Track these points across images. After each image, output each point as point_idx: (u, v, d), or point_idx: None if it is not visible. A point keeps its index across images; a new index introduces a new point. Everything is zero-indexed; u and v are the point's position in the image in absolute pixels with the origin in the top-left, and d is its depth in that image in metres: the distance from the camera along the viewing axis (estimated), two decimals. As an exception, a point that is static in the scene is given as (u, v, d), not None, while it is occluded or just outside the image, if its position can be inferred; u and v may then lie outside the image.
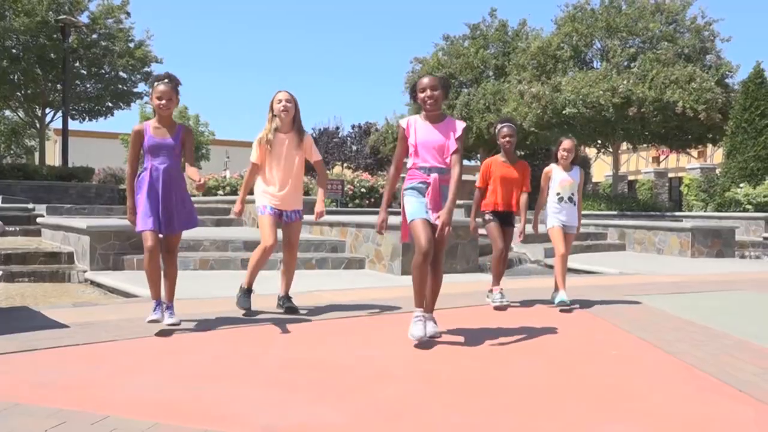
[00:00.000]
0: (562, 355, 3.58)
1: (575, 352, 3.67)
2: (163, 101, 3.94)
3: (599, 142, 22.28)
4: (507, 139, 5.13)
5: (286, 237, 4.72)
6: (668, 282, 7.25)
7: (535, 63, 21.41)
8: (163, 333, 3.89)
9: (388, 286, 6.53)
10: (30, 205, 11.51)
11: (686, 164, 27.59)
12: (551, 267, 7.74)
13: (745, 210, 14.97)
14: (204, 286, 6.25)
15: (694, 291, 6.48)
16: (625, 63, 19.83)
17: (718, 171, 19.14)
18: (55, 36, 18.67)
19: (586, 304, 5.38)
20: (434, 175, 3.70)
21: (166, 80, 3.95)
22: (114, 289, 6.57)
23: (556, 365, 3.34)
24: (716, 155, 29.27)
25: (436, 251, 3.68)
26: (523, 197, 5.20)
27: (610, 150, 22.55)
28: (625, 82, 18.16)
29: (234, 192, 13.69)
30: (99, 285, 6.90)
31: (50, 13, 18.66)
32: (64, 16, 17.86)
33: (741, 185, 15.48)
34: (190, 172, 4.00)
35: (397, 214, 3.85)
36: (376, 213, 4.05)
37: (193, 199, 12.05)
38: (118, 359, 3.24)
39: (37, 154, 26.13)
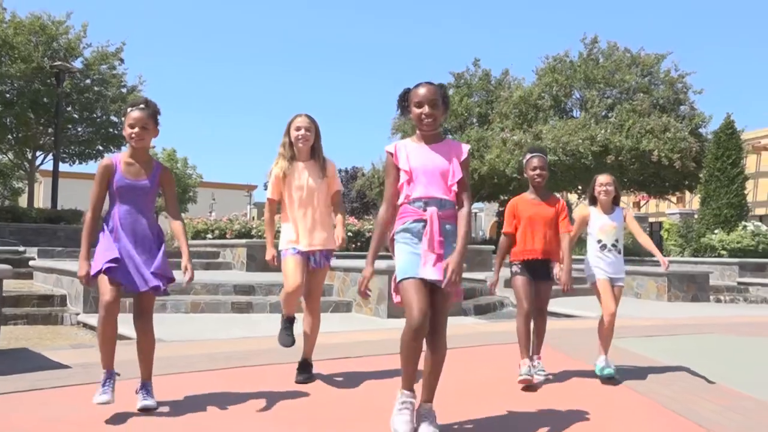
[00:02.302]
0: (537, 394, 3.85)
1: (550, 389, 3.93)
2: (136, 129, 3.23)
3: (580, 188, 22.92)
4: (537, 172, 4.21)
5: (308, 287, 4.00)
6: (643, 325, 7.55)
7: (517, 111, 22.17)
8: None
9: (374, 329, 6.77)
10: (21, 248, 11.66)
11: (666, 209, 28.34)
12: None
13: (720, 255, 15.46)
14: (196, 330, 6.46)
15: (667, 334, 6.78)
16: (603, 113, 20.63)
17: (696, 216, 19.74)
18: (49, 81, 19.08)
19: (563, 346, 5.66)
20: (432, 209, 2.82)
21: (141, 106, 3.28)
22: (107, 331, 6.73)
23: (534, 406, 3.61)
24: (695, 201, 30.11)
25: (435, 316, 2.80)
26: (565, 240, 4.19)
27: (590, 196, 23.18)
28: (602, 131, 18.91)
29: (222, 236, 13.91)
30: (92, 327, 7.06)
31: (45, 59, 19.12)
32: (60, 63, 18.28)
33: (716, 231, 16.02)
34: (176, 231, 3.40)
35: (389, 257, 3.09)
36: (364, 257, 3.23)
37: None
38: (121, 398, 3.46)
39: (24, 196, 26.22)
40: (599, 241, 4.43)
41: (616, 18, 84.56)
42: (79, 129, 21.32)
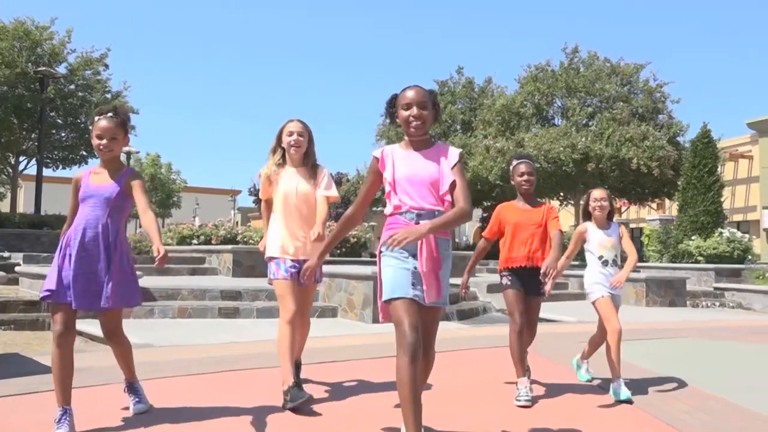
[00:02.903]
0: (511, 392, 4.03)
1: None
2: (104, 141, 3.05)
3: (561, 194, 23.27)
4: (525, 178, 4.06)
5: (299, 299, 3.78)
6: (631, 329, 7.79)
7: (500, 119, 22.50)
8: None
9: (359, 333, 6.93)
10: (6, 254, 11.64)
11: (646, 215, 28.81)
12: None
13: (697, 261, 15.84)
14: (185, 334, 6.56)
15: (643, 338, 7.00)
16: (584, 121, 21.03)
17: (674, 223, 20.18)
18: (33, 86, 19.01)
19: (542, 350, 5.86)
20: (425, 223, 2.56)
21: (110, 114, 3.09)
22: (94, 336, 6.80)
23: (508, 407, 3.79)
24: (674, 207, 30.67)
25: (426, 335, 2.66)
26: (556, 236, 3.92)
27: (572, 202, 23.55)
28: (583, 139, 19.30)
29: (207, 242, 13.97)
30: (80, 333, 7.12)
31: (29, 64, 19.05)
32: (44, 68, 18.25)
33: (693, 238, 16.40)
34: (147, 226, 3.04)
35: (373, 263, 2.88)
36: (349, 262, 3.00)
37: (168, 247, 12.13)
38: (113, 401, 3.58)
39: (6, 201, 26.00)
40: (601, 257, 4.23)
41: (596, 28, 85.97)
42: (63, 134, 21.25)
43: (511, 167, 4.23)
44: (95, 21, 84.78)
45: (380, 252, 2.70)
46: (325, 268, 9.31)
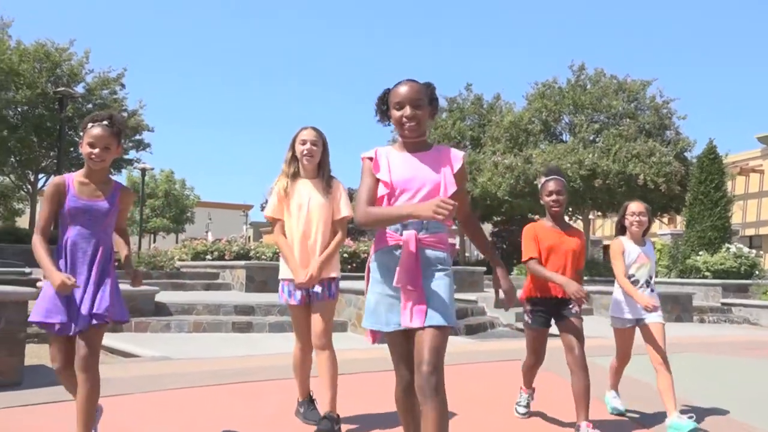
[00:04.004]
0: (505, 407, 4.26)
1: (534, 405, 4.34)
2: (97, 150, 2.81)
3: (570, 210, 23.44)
4: (554, 198, 3.60)
5: (312, 322, 3.50)
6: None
7: (508, 136, 22.78)
8: None
9: (367, 347, 7.18)
10: (27, 269, 12.02)
11: (658, 230, 28.86)
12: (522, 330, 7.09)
13: (705, 277, 15.92)
14: (200, 348, 6.85)
15: (644, 353, 7.20)
16: (591, 137, 21.25)
17: (683, 238, 20.27)
18: (52, 106, 19.60)
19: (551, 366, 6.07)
20: (409, 233, 2.33)
21: (105, 122, 2.85)
22: (114, 349, 7.11)
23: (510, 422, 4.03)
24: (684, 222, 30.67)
25: (419, 358, 2.26)
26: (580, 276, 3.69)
27: (580, 218, 23.71)
28: (590, 155, 19.52)
29: (221, 257, 14.31)
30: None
31: (49, 84, 19.66)
32: (63, 88, 18.83)
33: (700, 253, 16.51)
34: (118, 242, 3.01)
35: (359, 277, 2.49)
36: (358, 278, 2.78)
37: (182, 263, 12.53)
38: (143, 408, 3.86)
39: (24, 217, 26.59)
40: (631, 277, 3.87)
41: (603, 45, 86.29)
42: (81, 152, 21.80)
43: (539, 183, 3.77)
44: (112, 38, 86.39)
45: (368, 269, 2.47)
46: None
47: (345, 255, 16.87)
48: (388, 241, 2.37)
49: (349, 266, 16.19)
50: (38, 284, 2.76)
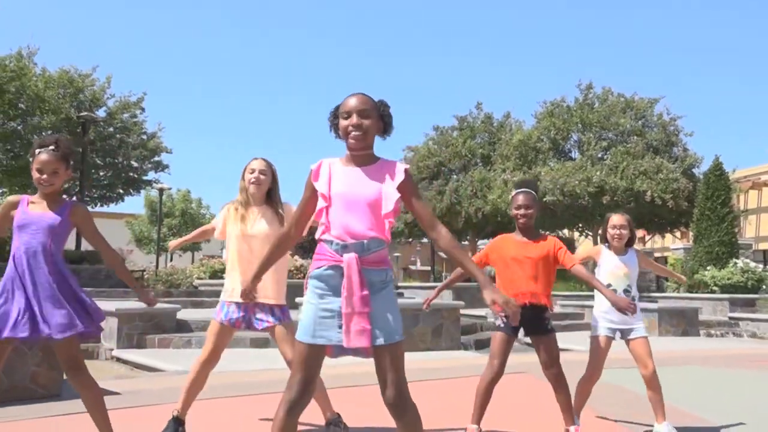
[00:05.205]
0: (502, 415, 4.62)
1: (522, 406, 4.70)
2: (45, 176, 2.88)
3: (580, 226, 23.73)
4: (522, 211, 3.62)
5: (281, 344, 3.59)
6: (628, 358, 8.26)
7: (518, 154, 23.20)
8: None
9: (364, 361, 7.54)
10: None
11: (670, 244, 28.93)
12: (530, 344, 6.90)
13: (712, 291, 16.14)
14: (220, 363, 7.25)
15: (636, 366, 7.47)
16: (599, 155, 21.61)
17: (691, 253, 20.48)
18: (76, 130, 20.36)
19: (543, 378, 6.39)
20: (350, 257, 2.29)
21: (51, 148, 2.89)
22: (139, 364, 7.56)
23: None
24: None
25: (387, 374, 2.35)
26: (579, 269, 3.62)
27: (590, 234, 23.97)
28: (598, 172, 19.89)
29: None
30: (125, 361, 7.89)
31: (72, 109, 20.44)
32: (86, 113, 19.57)
33: (708, 268, 16.73)
34: (112, 263, 3.08)
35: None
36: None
37: (200, 281, 12.98)
38: (169, 417, 4.26)
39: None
40: (608, 286, 3.83)
41: (611, 64, 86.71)
42: (102, 174, 22.54)
43: (510, 196, 3.83)
44: (133, 62, 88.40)
45: (306, 286, 2.44)
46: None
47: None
48: (327, 260, 2.35)
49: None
50: None
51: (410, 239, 30.85)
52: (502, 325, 3.59)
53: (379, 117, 2.43)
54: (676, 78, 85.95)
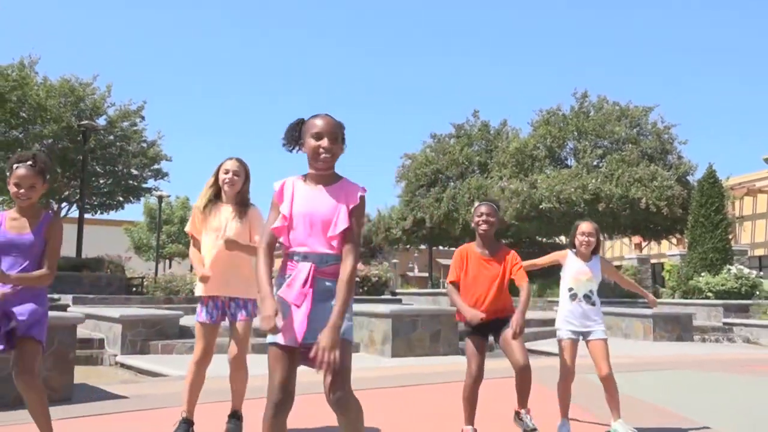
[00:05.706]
0: (498, 414, 4.79)
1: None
2: (22, 190, 2.99)
3: (576, 232, 23.93)
4: (483, 218, 3.78)
5: (231, 340, 4.02)
6: (621, 363, 8.44)
7: (514, 161, 23.41)
8: None
9: (375, 366, 7.73)
10: (55, 296, 12.71)
11: (667, 251, 29.12)
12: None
13: (707, 297, 16.34)
14: (224, 367, 7.40)
15: (639, 370, 7.62)
16: (595, 163, 21.85)
17: (686, 259, 20.68)
18: (76, 138, 20.54)
19: (543, 379, 6.56)
20: (307, 265, 2.44)
21: (29, 163, 2.99)
22: (143, 370, 7.70)
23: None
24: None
25: (335, 388, 2.45)
26: (524, 290, 3.72)
27: (587, 240, 24.18)
28: (594, 180, 20.11)
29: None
30: (129, 367, 8.03)
31: (73, 118, 20.62)
32: (86, 122, 19.76)
33: (702, 274, 16.94)
34: (38, 276, 3.03)
35: (390, 301, 2.49)
36: (371, 301, 2.48)
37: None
38: (174, 420, 4.42)
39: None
40: (570, 290, 4.06)
41: (606, 73, 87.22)
42: (102, 181, 22.70)
43: (473, 210, 3.99)
44: (133, 70, 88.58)
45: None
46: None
47: (357, 279, 17.46)
48: (288, 270, 2.50)
49: (361, 289, 16.77)
50: None
51: (408, 246, 31.00)
52: (470, 330, 3.79)
53: (343, 138, 2.57)
54: (672, 83, 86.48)
